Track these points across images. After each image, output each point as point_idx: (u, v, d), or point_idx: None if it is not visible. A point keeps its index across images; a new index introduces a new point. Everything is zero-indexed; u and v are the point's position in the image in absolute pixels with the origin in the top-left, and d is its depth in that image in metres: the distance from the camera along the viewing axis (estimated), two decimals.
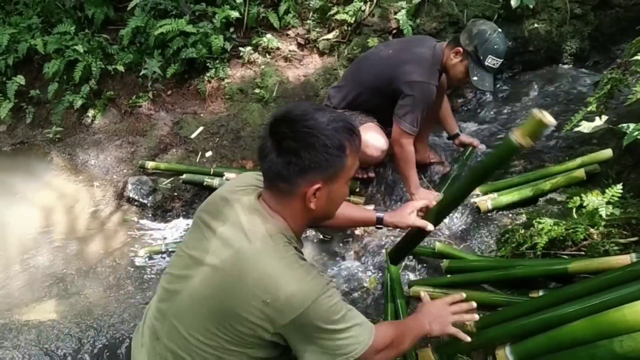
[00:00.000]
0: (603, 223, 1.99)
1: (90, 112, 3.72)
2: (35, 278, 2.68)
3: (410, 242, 2.00)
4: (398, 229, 2.35)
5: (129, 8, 3.78)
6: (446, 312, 1.63)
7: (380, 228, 1.95)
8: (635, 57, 2.05)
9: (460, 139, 3.04)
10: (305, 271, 1.29)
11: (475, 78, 2.58)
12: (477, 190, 2.74)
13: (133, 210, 3.09)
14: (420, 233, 1.86)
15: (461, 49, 2.58)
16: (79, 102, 3.66)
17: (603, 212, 1.96)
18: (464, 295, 1.70)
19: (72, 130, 3.72)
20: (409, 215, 1.81)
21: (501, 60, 2.59)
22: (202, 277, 1.33)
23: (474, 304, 1.67)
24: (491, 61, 2.56)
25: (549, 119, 1.26)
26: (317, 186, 1.30)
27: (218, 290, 1.29)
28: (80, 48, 3.67)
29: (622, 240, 1.95)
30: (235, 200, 1.41)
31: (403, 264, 2.45)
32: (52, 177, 3.41)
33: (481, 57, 2.55)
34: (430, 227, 1.77)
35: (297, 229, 1.40)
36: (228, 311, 1.27)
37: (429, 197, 2.65)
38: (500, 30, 2.57)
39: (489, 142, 3.28)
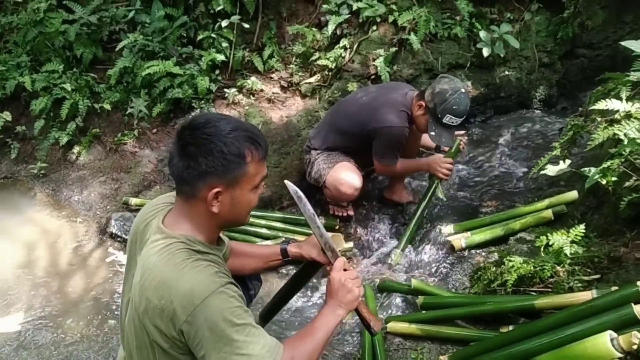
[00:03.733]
0: (568, 261, 2.10)
1: (76, 149, 3.77)
2: (15, 313, 2.68)
3: (294, 284, 1.94)
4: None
5: (117, 49, 3.89)
6: (347, 287, 1.53)
7: (288, 261, 1.87)
8: (594, 107, 2.20)
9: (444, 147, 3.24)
10: (198, 271, 1.30)
11: (432, 133, 2.75)
12: (451, 229, 2.86)
13: (116, 246, 3.12)
14: (308, 273, 1.86)
15: (424, 103, 2.75)
16: (64, 139, 3.72)
17: (567, 250, 2.07)
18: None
19: (56, 166, 3.75)
20: (314, 247, 1.74)
21: (460, 119, 2.73)
22: (127, 311, 1.44)
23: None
24: (449, 119, 2.70)
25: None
26: (216, 190, 1.36)
27: (134, 313, 1.37)
28: (67, 86, 3.74)
29: (585, 278, 2.05)
30: (145, 227, 1.49)
31: (381, 299, 2.53)
32: (35, 213, 3.42)
33: (439, 115, 2.70)
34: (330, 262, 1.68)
35: (206, 233, 1.43)
36: (145, 329, 1.34)
37: (440, 160, 2.88)
38: (463, 90, 2.70)
39: (462, 184, 3.42)
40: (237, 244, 1.81)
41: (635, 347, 1.41)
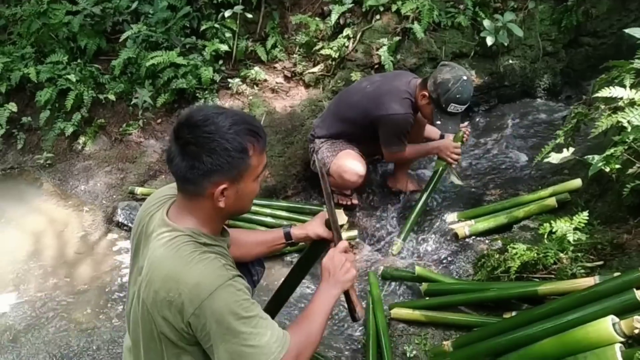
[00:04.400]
0: (571, 248, 2.11)
1: (81, 139, 3.79)
2: (23, 302, 2.71)
3: (305, 262, 1.95)
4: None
5: (121, 40, 3.90)
6: (346, 267, 1.58)
7: (293, 244, 1.90)
8: (598, 95, 2.20)
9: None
10: (205, 265, 1.32)
11: (438, 122, 2.78)
12: (455, 217, 2.88)
13: (122, 235, 3.14)
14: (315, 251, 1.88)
15: (427, 94, 2.76)
16: (70, 130, 3.73)
17: (571, 237, 2.08)
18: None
19: (62, 157, 3.78)
20: (319, 225, 1.79)
21: (465, 106, 2.75)
22: (133, 302, 1.45)
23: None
24: (453, 108, 2.72)
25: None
26: (222, 187, 1.36)
27: (141, 304, 1.38)
28: (72, 77, 3.76)
29: (588, 264, 2.07)
30: (150, 220, 1.49)
31: (385, 286, 2.56)
32: (41, 202, 3.45)
33: (443, 105, 2.72)
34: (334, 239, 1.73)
35: (211, 226, 1.45)
36: (153, 321, 1.35)
37: (450, 145, 2.91)
38: (465, 78, 2.70)
39: (466, 173, 3.44)
40: (238, 232, 1.82)
41: (636, 331, 1.42)
